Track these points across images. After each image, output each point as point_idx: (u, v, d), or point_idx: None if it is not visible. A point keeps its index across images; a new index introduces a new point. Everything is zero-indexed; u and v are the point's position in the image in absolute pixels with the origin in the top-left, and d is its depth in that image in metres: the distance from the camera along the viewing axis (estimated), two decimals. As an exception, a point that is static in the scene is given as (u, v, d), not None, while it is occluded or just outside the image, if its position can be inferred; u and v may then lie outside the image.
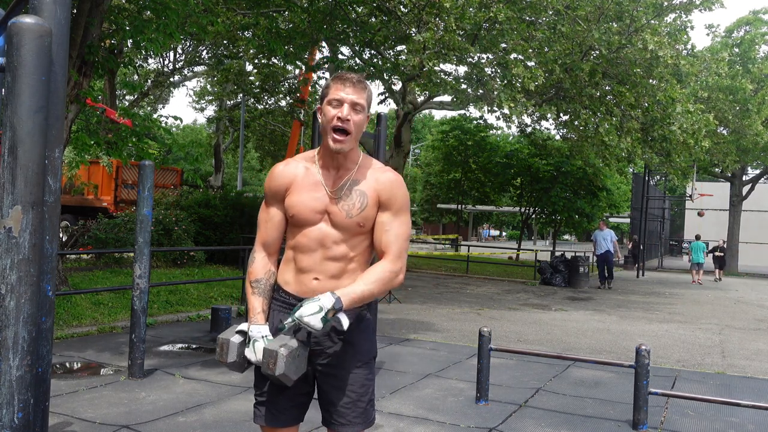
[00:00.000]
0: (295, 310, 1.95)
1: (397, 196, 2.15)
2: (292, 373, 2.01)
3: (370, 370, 2.20)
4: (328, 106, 2.08)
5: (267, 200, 2.22)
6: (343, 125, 2.05)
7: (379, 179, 2.15)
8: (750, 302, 14.92)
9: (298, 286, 2.13)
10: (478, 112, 25.98)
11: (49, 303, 2.17)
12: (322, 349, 2.13)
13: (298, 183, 2.14)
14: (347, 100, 2.06)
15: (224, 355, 2.12)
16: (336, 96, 2.07)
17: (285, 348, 1.99)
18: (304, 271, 2.13)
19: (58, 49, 2.08)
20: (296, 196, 2.13)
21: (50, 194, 2.14)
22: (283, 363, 1.97)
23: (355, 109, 2.07)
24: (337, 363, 2.14)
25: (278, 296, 2.19)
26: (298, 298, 2.11)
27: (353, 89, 2.07)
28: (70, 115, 7.51)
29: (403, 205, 2.16)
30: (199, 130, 44.61)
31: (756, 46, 22.65)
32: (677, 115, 12.91)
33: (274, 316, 2.17)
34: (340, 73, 2.14)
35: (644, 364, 4.29)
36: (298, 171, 2.16)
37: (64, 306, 7.63)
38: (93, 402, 4.39)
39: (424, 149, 39.39)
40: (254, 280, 2.19)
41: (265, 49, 13.54)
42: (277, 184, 2.17)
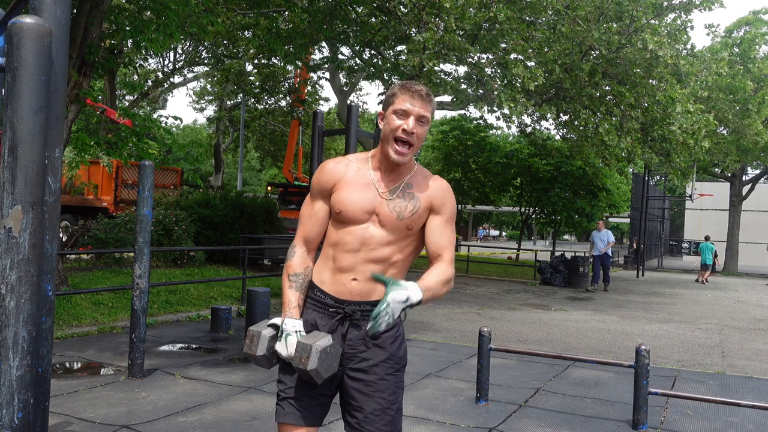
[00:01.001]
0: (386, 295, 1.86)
1: (449, 203, 2.15)
2: (324, 371, 1.97)
3: (401, 378, 2.16)
4: (393, 115, 2.04)
5: (313, 195, 2.18)
6: (407, 138, 2.03)
7: (432, 186, 2.14)
8: (750, 302, 14.92)
9: (335, 286, 2.09)
10: (478, 112, 26.00)
11: (49, 303, 2.17)
12: (355, 353, 2.09)
13: (347, 180, 2.11)
14: (414, 113, 2.03)
15: (254, 347, 2.08)
16: (403, 107, 2.03)
17: (320, 343, 1.96)
18: (343, 271, 2.08)
19: (58, 49, 2.08)
20: (345, 193, 2.09)
21: (50, 194, 2.14)
22: (317, 358, 1.94)
23: (420, 122, 2.05)
24: (369, 368, 2.09)
25: (313, 295, 2.14)
26: (335, 299, 2.08)
27: (421, 102, 2.04)
28: (70, 115, 7.52)
29: (453, 213, 2.16)
30: (199, 130, 44.62)
31: (756, 46, 22.64)
32: (677, 115, 12.91)
33: (308, 314, 2.13)
34: (408, 83, 2.09)
35: (644, 364, 4.29)
36: (349, 168, 2.13)
37: (64, 306, 7.63)
38: (93, 402, 4.39)
39: (424, 149, 39.40)
40: (293, 273, 2.14)
41: (265, 49, 13.55)
42: (326, 178, 2.13)
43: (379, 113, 2.13)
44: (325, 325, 2.09)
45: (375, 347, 2.10)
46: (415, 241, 2.15)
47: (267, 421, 4.13)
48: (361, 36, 13.42)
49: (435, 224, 2.12)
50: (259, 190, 37.96)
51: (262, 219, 14.29)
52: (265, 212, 14.52)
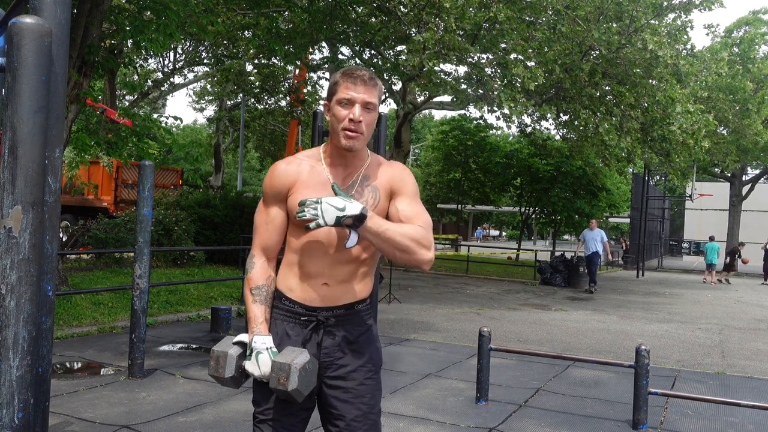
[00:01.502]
0: (323, 197, 1.81)
1: (408, 182, 2.04)
2: (304, 389, 1.88)
3: (379, 381, 2.10)
4: (338, 105, 1.94)
5: (266, 201, 2.06)
6: (355, 127, 1.92)
7: (388, 171, 2.05)
8: (750, 302, 14.92)
9: (305, 293, 1.99)
10: (478, 112, 26.01)
11: (49, 303, 2.17)
12: (332, 361, 2.01)
13: (303, 182, 1.99)
14: (359, 100, 1.92)
15: (220, 369, 1.95)
16: (346, 95, 1.93)
17: (298, 361, 1.86)
18: (312, 276, 1.98)
19: (58, 49, 2.08)
20: (301, 195, 1.97)
21: (50, 194, 2.14)
22: (297, 377, 1.84)
23: (367, 109, 1.94)
24: (348, 375, 2.01)
25: (281, 305, 2.03)
26: (305, 306, 1.99)
27: (365, 87, 1.93)
28: (70, 115, 7.52)
29: (415, 192, 2.04)
30: (199, 130, 44.63)
31: (756, 46, 22.66)
32: (677, 115, 12.92)
33: (277, 325, 2.02)
34: (349, 69, 1.97)
35: (644, 364, 4.29)
36: (302, 169, 2.02)
37: (64, 306, 7.64)
38: (93, 402, 4.39)
39: (424, 149, 39.38)
40: (255, 287, 2.02)
41: (265, 49, 13.55)
42: (279, 182, 2.01)
43: (324, 104, 2.03)
44: (298, 335, 1.99)
45: (351, 352, 2.02)
46: None
47: (267, 421, 4.13)
48: (361, 36, 13.42)
49: (397, 203, 2.00)
50: (259, 190, 37.93)
51: (262, 219, 14.28)
52: (265, 212, 14.49)
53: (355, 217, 1.79)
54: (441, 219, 48.59)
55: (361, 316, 2.06)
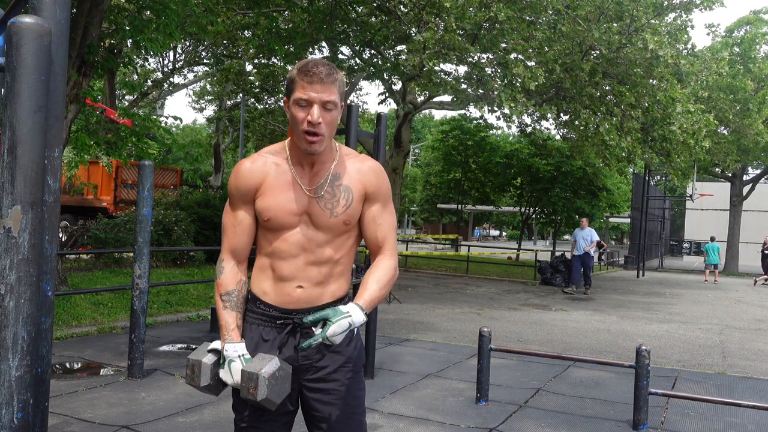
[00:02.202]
0: (325, 329, 1.74)
1: (382, 185, 1.98)
2: (276, 397, 1.81)
3: (361, 379, 2.05)
4: (296, 106, 1.83)
5: (233, 202, 1.97)
6: (314, 130, 1.82)
7: (362, 170, 1.96)
8: (750, 302, 14.92)
9: (279, 296, 1.93)
10: (478, 112, 26.00)
11: (49, 303, 2.17)
12: (311, 363, 1.95)
13: (269, 182, 1.91)
14: (316, 100, 1.81)
15: (196, 379, 1.90)
16: (304, 95, 1.81)
17: (266, 370, 1.79)
18: (286, 279, 1.92)
19: (58, 49, 2.08)
20: (270, 197, 1.90)
21: (50, 194, 2.13)
22: (266, 386, 1.77)
23: (326, 108, 1.82)
24: (327, 376, 1.96)
25: (255, 308, 1.96)
26: (280, 309, 1.93)
27: (322, 86, 1.80)
28: (69, 115, 7.52)
29: (388, 194, 2.01)
30: (198, 130, 44.63)
31: (756, 45, 22.65)
32: (677, 115, 12.91)
33: (252, 330, 1.96)
34: (305, 65, 1.83)
35: (644, 364, 4.28)
36: (267, 168, 1.92)
37: (63, 306, 7.63)
38: (92, 402, 4.39)
39: (424, 149, 39.39)
40: (225, 292, 1.95)
41: (265, 49, 13.55)
42: (245, 184, 1.92)
43: (284, 100, 1.91)
44: (274, 339, 1.94)
45: (331, 353, 1.97)
46: (356, 233, 2.01)
47: (267, 422, 4.13)
48: (361, 36, 13.42)
49: (371, 213, 1.96)
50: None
51: (262, 219, 14.28)
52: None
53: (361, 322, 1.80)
54: (441, 219, 48.59)
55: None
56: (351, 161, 1.98)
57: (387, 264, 1.96)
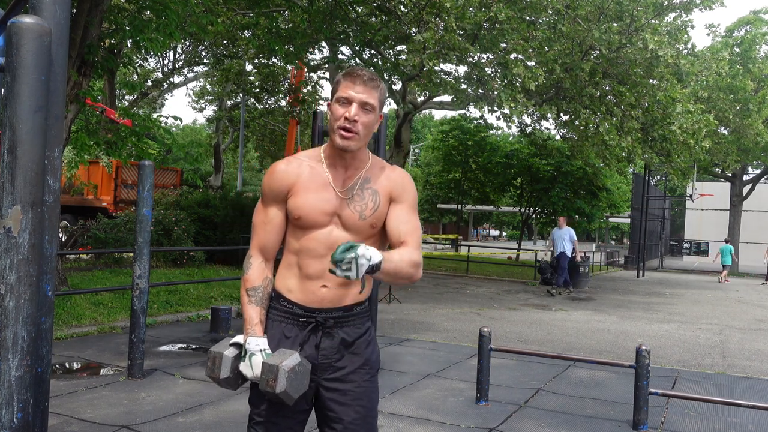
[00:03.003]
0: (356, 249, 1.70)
1: (409, 190, 2.04)
2: (294, 391, 1.85)
3: (376, 383, 2.08)
4: (337, 103, 1.93)
5: (265, 201, 2.03)
6: (350, 126, 1.90)
7: (390, 176, 2.04)
8: (750, 302, 14.92)
9: (304, 294, 1.97)
10: (478, 112, 26.02)
11: (49, 303, 2.17)
12: (330, 363, 1.99)
13: (302, 183, 1.97)
14: (356, 99, 1.91)
15: (216, 370, 1.95)
16: (345, 94, 1.92)
17: (287, 363, 1.84)
18: (312, 278, 1.96)
19: (58, 49, 2.08)
20: (302, 197, 1.96)
21: (50, 194, 2.13)
22: (285, 379, 1.82)
23: (364, 109, 1.92)
24: (346, 377, 2.00)
25: (279, 305, 2.01)
26: (304, 308, 1.97)
27: (363, 88, 1.92)
28: (69, 115, 7.52)
29: (414, 201, 2.05)
30: (198, 130, 44.63)
31: (756, 45, 22.65)
32: (677, 115, 12.91)
33: (273, 327, 2.00)
34: (351, 69, 1.96)
35: (644, 364, 4.28)
36: (302, 170, 1.99)
37: (63, 306, 7.63)
38: (92, 402, 4.39)
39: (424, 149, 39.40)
40: (251, 288, 2.01)
41: (265, 49, 13.55)
42: (279, 184, 1.99)
43: (327, 104, 2.01)
44: (296, 336, 1.98)
45: (349, 354, 2.01)
46: (381, 238, 2.05)
47: (267, 422, 4.12)
48: (361, 36, 13.42)
49: (396, 212, 2.00)
50: (259, 190, 37.94)
51: (262, 219, 14.28)
52: (265, 212, 14.49)
53: (377, 264, 1.76)
54: (441, 219, 48.59)
55: (360, 318, 2.04)
56: (381, 168, 2.05)
57: (411, 250, 1.93)
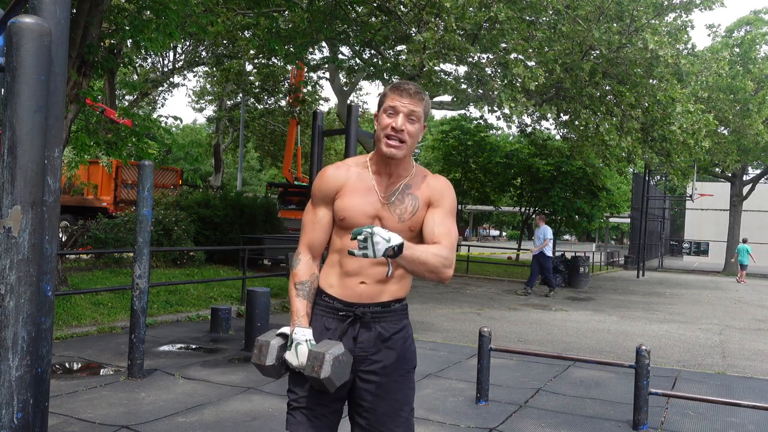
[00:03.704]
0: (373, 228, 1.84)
1: (448, 196, 2.15)
2: (337, 379, 1.97)
3: (412, 379, 2.18)
4: (384, 114, 2.07)
5: (315, 202, 2.18)
6: (397, 135, 2.04)
7: (431, 183, 2.15)
8: (750, 302, 14.92)
9: (343, 289, 2.10)
10: (478, 112, 26.01)
11: (49, 303, 2.17)
12: (367, 356, 2.10)
13: (349, 186, 2.11)
14: (403, 110, 2.04)
15: (263, 358, 2.07)
16: (392, 104, 2.05)
17: (333, 351, 1.96)
18: (351, 275, 2.09)
19: (58, 49, 2.08)
20: (348, 199, 2.09)
21: (50, 194, 2.13)
22: (330, 366, 1.94)
23: (410, 119, 2.05)
24: (381, 371, 2.10)
25: (321, 301, 2.15)
26: (343, 302, 2.10)
27: (410, 99, 2.05)
28: (69, 115, 7.51)
29: (452, 207, 2.15)
30: (198, 130, 44.61)
31: (756, 46, 22.64)
32: (677, 115, 12.91)
33: (316, 320, 2.13)
34: (398, 83, 2.10)
35: (644, 364, 4.28)
36: (350, 174, 2.13)
37: (63, 306, 7.63)
38: (92, 402, 4.38)
39: (424, 149, 39.41)
40: (299, 282, 2.14)
41: (265, 49, 13.55)
42: (328, 186, 2.13)
43: (375, 114, 2.15)
44: (336, 328, 2.10)
45: (386, 349, 2.11)
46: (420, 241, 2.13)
47: (267, 422, 4.12)
48: (361, 36, 13.42)
49: (432, 216, 2.11)
50: (259, 190, 37.96)
51: (262, 219, 14.29)
52: (265, 212, 14.51)
53: (397, 246, 1.84)
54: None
55: (397, 314, 2.14)
56: (424, 177, 2.18)
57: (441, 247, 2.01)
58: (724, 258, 28.27)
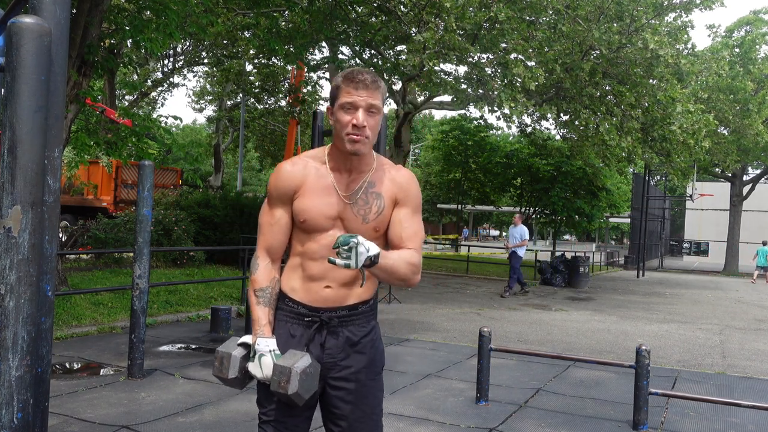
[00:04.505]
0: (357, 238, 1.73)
1: (413, 193, 2.04)
2: (305, 392, 1.88)
3: (381, 382, 2.12)
4: (341, 110, 1.91)
5: (271, 202, 2.03)
6: (359, 133, 1.89)
7: (395, 179, 2.03)
8: (750, 302, 14.92)
9: (308, 294, 1.99)
10: (478, 112, 26.03)
11: (49, 303, 2.17)
12: (335, 362, 2.01)
13: (308, 185, 1.97)
14: (362, 104, 1.90)
15: (224, 370, 1.97)
16: (349, 99, 1.90)
17: (299, 365, 1.86)
18: (315, 279, 1.98)
19: (58, 49, 2.07)
20: (308, 200, 1.96)
21: (50, 194, 2.13)
22: (297, 381, 1.85)
23: (370, 112, 1.91)
24: (351, 376, 2.03)
25: (285, 305, 2.03)
26: (309, 307, 1.99)
27: (367, 91, 1.91)
28: (69, 115, 7.52)
29: (418, 204, 2.05)
30: (198, 130, 44.63)
31: (756, 46, 22.65)
32: (677, 114, 12.91)
33: (280, 327, 2.02)
34: (351, 73, 1.93)
35: (644, 364, 4.28)
36: (308, 172, 1.99)
37: (63, 306, 7.63)
38: (92, 402, 4.38)
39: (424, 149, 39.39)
40: (259, 288, 2.01)
41: (265, 49, 13.55)
42: (285, 185, 1.99)
43: (327, 108, 1.99)
44: (302, 335, 1.99)
45: (355, 353, 2.04)
46: (384, 241, 2.04)
47: (267, 422, 4.12)
48: (361, 36, 13.42)
49: (398, 216, 2.00)
50: (259, 190, 37.97)
51: (262, 219, 14.27)
52: (265, 212, 14.49)
53: (374, 256, 1.76)
54: (441, 219, 48.60)
55: (365, 316, 2.06)
56: (387, 171, 2.04)
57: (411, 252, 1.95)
58: (724, 258, 28.26)
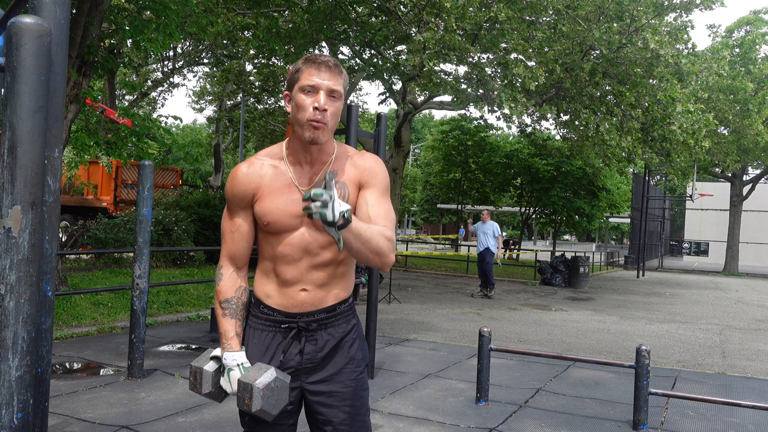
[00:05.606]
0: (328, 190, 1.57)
1: (379, 175, 1.91)
2: (272, 408, 1.79)
3: (364, 379, 2.01)
4: (301, 93, 1.80)
5: (230, 208, 1.93)
6: (320, 117, 1.78)
7: (358, 163, 1.91)
8: (750, 302, 14.92)
9: (283, 299, 1.90)
10: (478, 112, 26.03)
11: (49, 303, 2.17)
12: (315, 367, 1.93)
13: (266, 186, 1.87)
14: (323, 87, 1.79)
15: (198, 386, 1.91)
16: (310, 82, 1.79)
17: (261, 380, 1.77)
18: (290, 284, 1.89)
19: (58, 49, 2.08)
20: (269, 201, 1.85)
21: (50, 194, 2.13)
22: (260, 397, 1.76)
23: (332, 97, 1.81)
24: (330, 378, 1.94)
25: (260, 312, 1.94)
26: (285, 313, 1.90)
27: (329, 74, 1.80)
28: (69, 115, 7.52)
29: (385, 186, 1.92)
30: (198, 130, 44.65)
31: (756, 46, 22.66)
32: (677, 114, 12.92)
33: (256, 335, 1.93)
34: (312, 56, 1.84)
35: (644, 364, 4.28)
36: (264, 172, 1.88)
37: (63, 306, 7.63)
38: (92, 402, 4.38)
39: (424, 149, 39.41)
40: (224, 300, 1.93)
41: (265, 49, 13.56)
42: (242, 189, 1.88)
43: (285, 94, 1.88)
44: (279, 343, 1.91)
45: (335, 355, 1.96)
46: None
47: (267, 422, 4.12)
48: (362, 36, 13.43)
49: (365, 198, 1.87)
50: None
51: (262, 219, 14.29)
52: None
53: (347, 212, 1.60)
54: (441, 219, 48.61)
55: (344, 316, 1.98)
56: (349, 157, 1.93)
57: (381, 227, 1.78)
58: (724, 258, 28.26)
